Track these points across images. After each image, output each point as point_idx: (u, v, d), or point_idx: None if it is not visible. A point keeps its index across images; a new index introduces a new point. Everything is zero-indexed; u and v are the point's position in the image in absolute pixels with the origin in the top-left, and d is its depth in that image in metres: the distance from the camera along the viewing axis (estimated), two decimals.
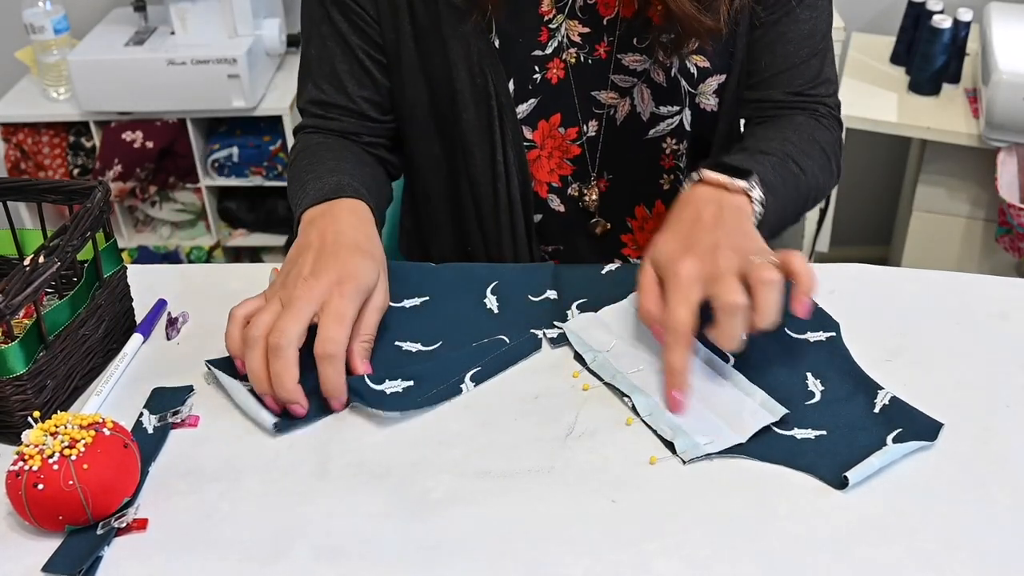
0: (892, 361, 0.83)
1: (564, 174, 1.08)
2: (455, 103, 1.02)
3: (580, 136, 1.05)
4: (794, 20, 1.01)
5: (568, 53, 1.02)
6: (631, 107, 1.04)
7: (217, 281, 0.97)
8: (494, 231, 1.07)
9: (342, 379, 0.78)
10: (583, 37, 1.01)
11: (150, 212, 2.33)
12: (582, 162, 1.07)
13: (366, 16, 1.01)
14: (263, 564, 0.67)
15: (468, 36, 0.99)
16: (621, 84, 1.04)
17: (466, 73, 1.00)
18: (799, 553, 0.66)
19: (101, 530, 0.68)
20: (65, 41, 2.15)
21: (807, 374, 0.81)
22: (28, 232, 0.92)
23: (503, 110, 1.01)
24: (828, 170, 1.04)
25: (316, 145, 1.04)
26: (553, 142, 1.05)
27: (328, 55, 1.03)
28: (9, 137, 2.22)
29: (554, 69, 1.02)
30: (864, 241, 2.55)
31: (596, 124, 1.05)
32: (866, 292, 0.92)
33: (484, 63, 0.99)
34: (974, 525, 0.68)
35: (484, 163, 1.04)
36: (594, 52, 1.02)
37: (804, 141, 1.00)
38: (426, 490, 0.72)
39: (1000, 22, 1.98)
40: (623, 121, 1.05)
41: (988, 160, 1.90)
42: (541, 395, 0.80)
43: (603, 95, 1.04)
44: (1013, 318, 0.88)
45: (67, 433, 0.68)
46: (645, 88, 1.03)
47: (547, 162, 1.06)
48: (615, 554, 0.66)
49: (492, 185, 1.05)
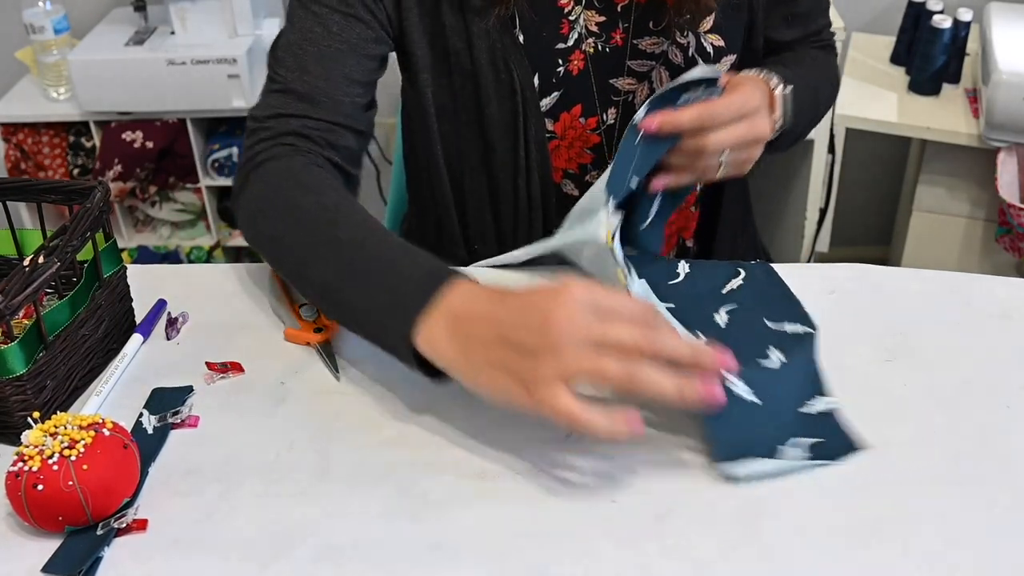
0: (892, 361, 0.83)
1: (583, 162, 1.07)
2: (478, 99, 1.01)
3: (599, 125, 1.05)
4: None
5: (587, 43, 1.02)
6: (650, 91, 1.04)
7: (217, 281, 0.97)
8: (510, 225, 1.06)
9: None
10: (599, 26, 1.01)
11: (150, 212, 2.33)
12: (600, 150, 1.07)
13: (364, 13, 0.96)
14: (263, 564, 0.67)
15: (492, 32, 0.98)
16: (638, 69, 1.04)
17: (490, 69, 0.99)
18: (799, 553, 0.66)
19: (101, 531, 0.68)
20: (65, 41, 2.15)
21: (770, 346, 0.81)
22: (28, 232, 0.92)
23: (527, 104, 1.01)
24: (829, 84, 1.17)
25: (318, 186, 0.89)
26: (574, 132, 1.05)
27: (321, 35, 0.96)
28: (9, 137, 2.22)
29: (575, 61, 1.02)
30: (864, 241, 2.55)
31: (614, 112, 1.05)
32: (866, 292, 0.92)
33: (509, 58, 0.99)
34: (974, 525, 0.68)
35: (505, 157, 1.03)
36: (610, 40, 1.02)
37: (812, 61, 1.12)
38: (426, 490, 0.72)
39: (1000, 22, 1.98)
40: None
41: (988, 160, 1.90)
42: None
43: (620, 82, 1.04)
44: (1013, 318, 0.88)
45: (67, 434, 0.68)
46: (664, 70, 1.04)
47: (566, 151, 1.06)
48: (615, 554, 0.66)
49: (512, 180, 1.04)
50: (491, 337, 0.70)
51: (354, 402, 0.80)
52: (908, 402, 0.79)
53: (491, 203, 1.07)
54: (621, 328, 0.68)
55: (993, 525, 0.68)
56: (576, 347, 0.67)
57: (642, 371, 0.67)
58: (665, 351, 0.68)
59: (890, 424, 0.77)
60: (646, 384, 0.67)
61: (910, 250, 2.09)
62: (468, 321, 0.72)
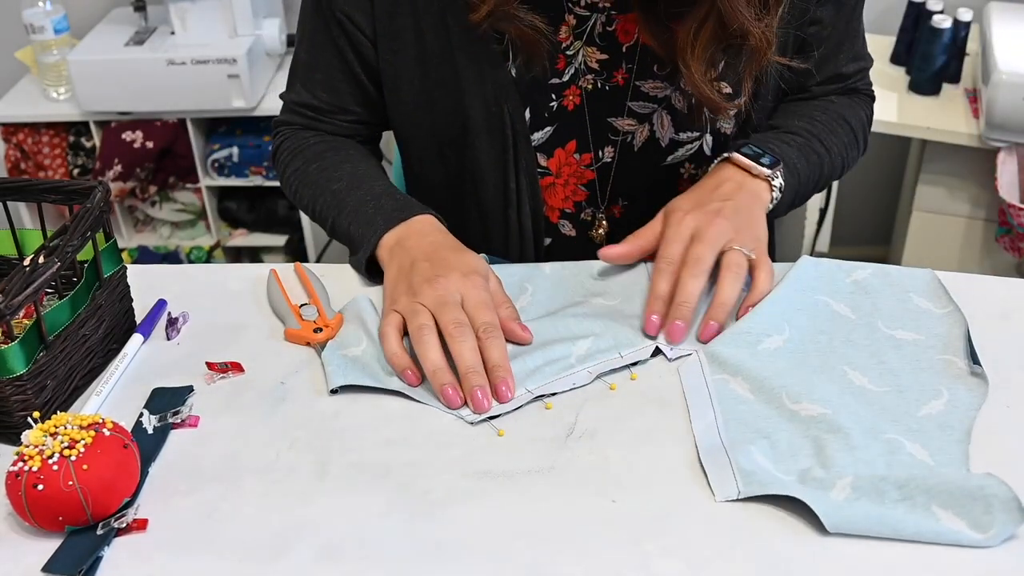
0: None
1: (578, 200, 1.07)
2: (466, 131, 1.00)
3: (594, 162, 1.04)
4: (830, 13, 1.01)
5: (585, 79, 1.00)
6: (650, 133, 1.03)
7: (217, 281, 0.97)
8: (501, 256, 1.05)
9: (506, 353, 0.81)
10: (601, 64, 1.00)
11: (150, 212, 2.33)
12: (595, 187, 1.06)
13: (360, 36, 0.99)
14: (263, 564, 0.67)
15: (483, 64, 0.97)
16: (639, 111, 1.02)
17: (480, 101, 0.98)
18: (799, 552, 0.66)
19: (101, 530, 0.68)
20: (65, 41, 2.15)
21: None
22: (28, 232, 0.92)
23: (518, 138, 1.00)
24: (855, 146, 1.09)
25: (324, 149, 1.04)
26: (569, 169, 1.04)
27: (323, 64, 1.03)
28: (9, 137, 2.22)
29: (570, 96, 1.01)
30: (864, 241, 2.55)
31: (612, 150, 1.04)
32: None
33: (500, 93, 0.98)
34: None
35: (496, 190, 1.03)
36: (611, 79, 1.00)
37: (832, 119, 1.04)
38: (426, 490, 0.72)
39: (1000, 22, 1.98)
40: (641, 147, 1.04)
41: (988, 160, 1.90)
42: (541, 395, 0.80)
43: (619, 122, 1.02)
44: (1013, 318, 0.87)
45: (67, 433, 0.68)
46: (666, 114, 1.02)
47: (562, 189, 1.05)
48: (615, 554, 0.66)
49: (503, 212, 1.04)
50: (408, 258, 0.88)
51: (354, 402, 0.80)
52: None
53: (482, 233, 1.06)
54: (451, 311, 0.82)
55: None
56: (421, 299, 0.83)
57: (427, 336, 0.81)
58: (453, 350, 0.80)
59: None
60: (422, 344, 0.81)
61: (910, 250, 2.09)
62: (410, 237, 0.91)
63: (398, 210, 0.94)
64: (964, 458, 0.72)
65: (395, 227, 0.92)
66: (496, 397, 0.79)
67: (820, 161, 1.02)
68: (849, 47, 1.06)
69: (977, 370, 0.80)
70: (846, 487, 0.69)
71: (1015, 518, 0.66)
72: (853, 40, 1.06)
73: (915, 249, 2.09)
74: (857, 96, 1.10)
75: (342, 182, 0.99)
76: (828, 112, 1.05)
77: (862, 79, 1.10)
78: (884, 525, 0.66)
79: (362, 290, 0.93)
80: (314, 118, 1.06)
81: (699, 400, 0.78)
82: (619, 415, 0.78)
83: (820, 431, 0.74)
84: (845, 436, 0.73)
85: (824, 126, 1.04)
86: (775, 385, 0.78)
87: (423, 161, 1.07)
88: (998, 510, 0.66)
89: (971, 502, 0.67)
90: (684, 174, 1.06)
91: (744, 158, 0.95)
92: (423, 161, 1.07)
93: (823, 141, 1.03)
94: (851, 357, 0.82)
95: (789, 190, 0.98)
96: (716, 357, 0.82)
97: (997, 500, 0.66)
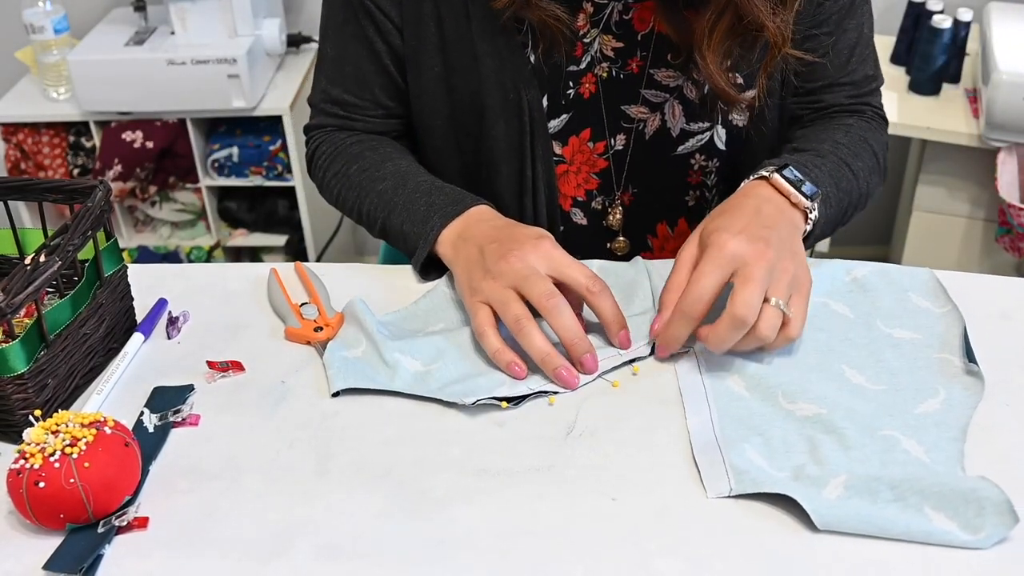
0: None
1: (590, 188, 1.07)
2: (484, 118, 1.00)
3: (607, 150, 1.04)
4: (842, 31, 1.00)
5: (600, 67, 1.01)
6: (661, 122, 1.03)
7: (217, 281, 0.97)
8: None
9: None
10: (616, 52, 1.00)
11: (150, 212, 2.33)
12: (607, 175, 1.06)
13: (388, 24, 1.00)
14: (263, 563, 0.67)
15: (503, 51, 0.97)
16: (652, 99, 1.02)
17: (498, 88, 0.99)
18: (798, 552, 0.66)
19: (102, 528, 0.69)
20: (65, 41, 2.15)
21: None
22: (29, 231, 0.92)
23: (535, 126, 1.00)
24: (877, 172, 1.03)
25: (362, 149, 1.03)
26: (582, 156, 1.04)
27: (352, 57, 1.02)
28: (9, 137, 2.22)
29: (587, 84, 1.01)
30: (864, 241, 2.55)
31: (624, 138, 1.04)
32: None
33: (519, 80, 0.98)
34: None
35: (511, 178, 1.03)
36: (626, 67, 1.01)
37: (855, 143, 1.00)
38: (426, 489, 0.72)
39: (1000, 22, 1.98)
40: (652, 136, 1.04)
41: (988, 160, 1.90)
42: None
43: (633, 109, 1.03)
44: (1013, 318, 0.88)
45: (68, 432, 0.68)
46: (677, 104, 1.02)
47: (575, 177, 1.06)
48: (615, 554, 0.66)
49: (518, 200, 1.04)
50: (475, 247, 0.87)
51: (354, 401, 0.80)
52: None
53: None
54: (539, 284, 0.81)
55: None
56: (504, 280, 0.82)
57: (527, 326, 0.80)
58: (553, 324, 0.81)
59: None
60: (524, 336, 0.80)
61: (910, 250, 2.10)
62: (469, 228, 0.90)
63: (452, 204, 0.93)
64: (959, 456, 0.72)
65: (452, 221, 0.92)
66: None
67: (849, 187, 0.97)
68: (860, 53, 1.03)
69: (973, 369, 0.80)
70: (839, 486, 0.69)
71: (1007, 521, 0.66)
72: (864, 47, 1.04)
73: (915, 249, 2.09)
74: (875, 120, 1.06)
75: (387, 181, 0.99)
76: (851, 135, 1.01)
77: (873, 92, 1.07)
78: (875, 524, 0.66)
79: (361, 290, 0.93)
80: (347, 117, 1.06)
81: (695, 397, 0.79)
82: (620, 413, 0.78)
83: (815, 431, 0.74)
84: (840, 436, 0.73)
85: (849, 149, 0.99)
86: (771, 383, 0.78)
87: (439, 150, 1.06)
88: (990, 512, 0.66)
89: (964, 504, 0.67)
90: (695, 165, 1.06)
91: (785, 182, 0.87)
92: (439, 150, 1.06)
93: (851, 165, 0.98)
94: (849, 355, 0.82)
95: (820, 220, 0.91)
96: (713, 354, 0.82)
97: (990, 503, 0.66)
